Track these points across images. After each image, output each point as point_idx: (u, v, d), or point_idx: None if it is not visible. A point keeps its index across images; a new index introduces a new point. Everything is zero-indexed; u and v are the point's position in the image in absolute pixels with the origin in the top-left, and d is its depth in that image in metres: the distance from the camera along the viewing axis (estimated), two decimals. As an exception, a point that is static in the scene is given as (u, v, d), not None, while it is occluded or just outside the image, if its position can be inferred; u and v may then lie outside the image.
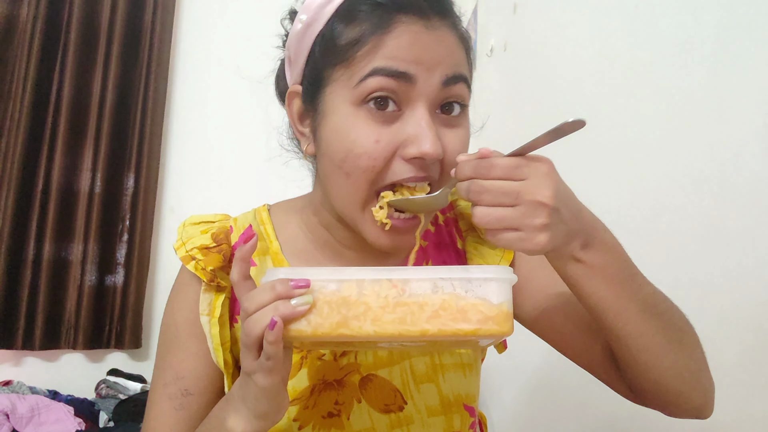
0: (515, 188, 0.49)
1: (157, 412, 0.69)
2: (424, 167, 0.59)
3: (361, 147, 0.57)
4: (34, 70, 2.40)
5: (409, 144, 0.57)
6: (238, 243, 0.72)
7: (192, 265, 0.68)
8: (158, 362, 0.71)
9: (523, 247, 0.51)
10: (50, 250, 2.39)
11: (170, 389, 0.68)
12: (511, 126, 1.80)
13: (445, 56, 0.58)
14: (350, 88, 0.58)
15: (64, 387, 2.30)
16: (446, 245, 0.76)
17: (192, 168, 2.66)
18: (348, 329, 0.51)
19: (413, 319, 0.51)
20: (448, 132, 0.60)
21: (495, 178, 0.50)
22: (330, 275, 0.52)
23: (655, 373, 0.59)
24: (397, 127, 0.58)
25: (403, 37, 0.56)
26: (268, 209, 0.77)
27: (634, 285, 0.57)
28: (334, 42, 0.59)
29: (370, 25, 0.57)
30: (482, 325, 0.51)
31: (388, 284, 0.51)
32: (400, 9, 0.56)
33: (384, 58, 0.56)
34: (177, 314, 0.71)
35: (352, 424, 0.68)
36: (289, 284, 0.50)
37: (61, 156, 2.42)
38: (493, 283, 0.51)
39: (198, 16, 2.75)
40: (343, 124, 0.59)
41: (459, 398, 0.72)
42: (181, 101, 2.69)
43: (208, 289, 0.69)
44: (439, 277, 0.52)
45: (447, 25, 0.59)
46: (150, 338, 2.56)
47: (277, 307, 0.50)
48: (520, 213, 0.49)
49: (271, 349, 0.50)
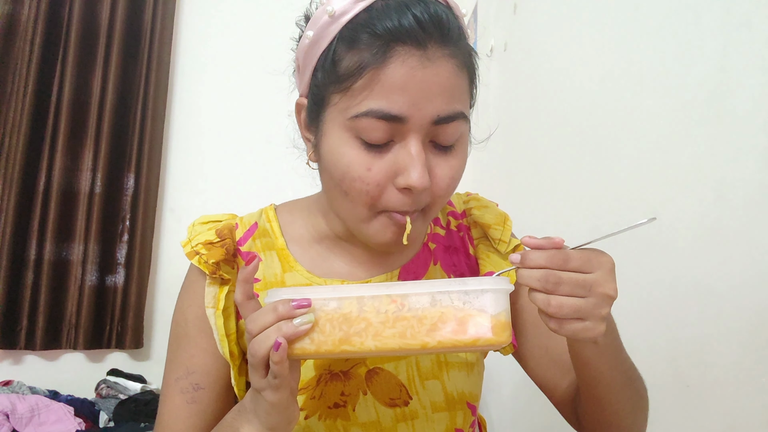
0: (588, 281, 0.52)
1: (170, 406, 0.71)
2: (415, 198, 0.61)
3: (355, 172, 0.59)
4: (34, 70, 2.40)
5: (400, 174, 0.59)
6: (242, 239, 0.74)
7: (196, 259, 0.71)
8: (169, 357, 0.74)
9: (585, 336, 0.54)
10: (51, 251, 2.39)
11: (182, 383, 0.71)
12: (511, 126, 1.80)
13: (439, 93, 0.58)
14: (346, 118, 0.59)
15: (65, 387, 2.30)
16: (456, 249, 0.78)
17: (192, 168, 2.66)
18: (350, 345, 0.53)
19: (413, 333, 0.52)
20: (441, 162, 0.62)
21: (570, 269, 0.52)
22: (330, 293, 0.54)
23: (614, 428, 0.67)
24: (389, 157, 0.60)
25: (397, 73, 0.56)
26: (274, 208, 0.79)
27: (621, 358, 0.63)
28: (334, 66, 0.60)
29: (369, 56, 0.57)
30: (480, 336, 0.52)
31: (387, 299, 0.53)
32: (397, 40, 0.56)
33: (378, 98, 0.57)
34: (186, 311, 0.73)
35: (358, 416, 0.69)
36: (290, 305, 0.52)
37: (62, 156, 2.43)
38: (490, 294, 0.52)
39: (198, 16, 2.75)
40: (338, 148, 0.60)
41: (462, 396, 0.73)
42: (181, 101, 2.69)
43: (212, 282, 0.71)
44: (437, 290, 0.53)
45: (446, 55, 0.59)
46: (151, 338, 2.56)
47: (280, 328, 0.52)
48: (591, 304, 0.52)
49: (276, 369, 0.52)
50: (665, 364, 0.90)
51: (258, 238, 0.75)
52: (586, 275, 0.52)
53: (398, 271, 0.75)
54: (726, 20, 0.80)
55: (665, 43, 0.95)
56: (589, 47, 1.26)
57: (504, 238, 0.77)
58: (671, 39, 0.94)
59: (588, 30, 1.27)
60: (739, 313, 0.75)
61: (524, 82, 1.71)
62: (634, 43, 1.06)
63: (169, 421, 0.70)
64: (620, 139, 1.10)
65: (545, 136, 1.50)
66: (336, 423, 0.69)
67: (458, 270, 0.77)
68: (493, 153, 2.00)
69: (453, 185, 0.64)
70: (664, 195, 0.93)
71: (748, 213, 0.74)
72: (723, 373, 0.78)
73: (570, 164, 1.33)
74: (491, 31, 2.04)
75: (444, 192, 0.63)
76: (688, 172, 0.87)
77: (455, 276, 0.77)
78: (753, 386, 0.72)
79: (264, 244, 0.75)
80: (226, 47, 2.71)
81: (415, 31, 0.56)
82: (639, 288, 0.96)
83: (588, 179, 1.23)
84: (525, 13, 1.73)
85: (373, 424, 0.70)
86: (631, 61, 1.07)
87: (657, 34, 0.98)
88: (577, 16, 1.34)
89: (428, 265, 0.76)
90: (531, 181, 1.61)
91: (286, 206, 0.80)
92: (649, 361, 0.93)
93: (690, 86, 0.87)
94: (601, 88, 1.19)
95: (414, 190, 0.59)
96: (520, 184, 1.69)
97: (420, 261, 0.76)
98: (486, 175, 2.10)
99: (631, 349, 0.66)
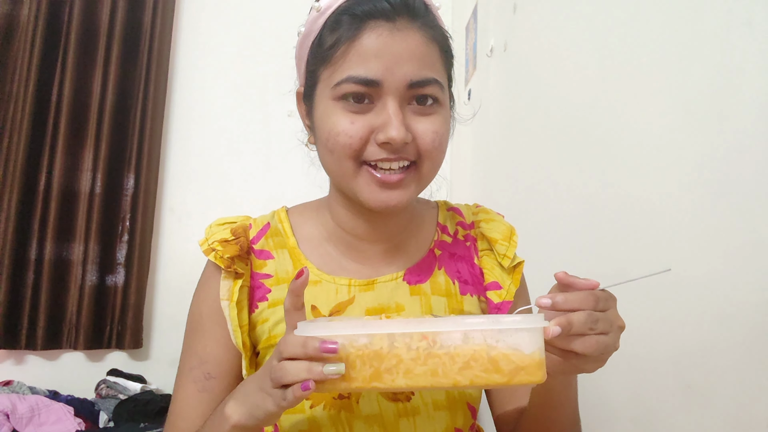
0: (610, 317, 0.55)
1: (182, 394, 0.75)
2: (395, 150, 0.66)
3: (339, 127, 0.66)
4: (34, 71, 2.40)
5: (379, 131, 0.65)
6: (255, 237, 0.79)
7: (212, 255, 0.75)
8: (184, 348, 0.77)
9: (596, 368, 0.56)
10: (51, 251, 2.39)
11: (195, 373, 0.74)
12: (511, 126, 1.80)
13: (409, 59, 0.65)
14: (330, 87, 0.67)
15: (65, 387, 2.30)
16: (461, 257, 0.81)
17: (192, 168, 2.66)
18: (381, 382, 0.52)
19: (445, 371, 0.51)
20: (422, 119, 0.67)
21: (600, 309, 0.54)
22: (360, 329, 0.53)
23: None
24: (370, 116, 0.66)
25: (370, 42, 0.65)
26: (286, 210, 0.84)
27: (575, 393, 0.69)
28: (320, 48, 0.69)
29: (346, 31, 0.66)
30: (514, 376, 0.51)
31: (418, 336, 0.52)
32: (370, 16, 0.65)
33: (354, 65, 0.65)
34: (202, 303, 0.77)
35: (362, 408, 0.71)
36: (317, 346, 0.52)
37: (62, 157, 2.43)
38: (525, 333, 0.51)
39: (198, 16, 2.75)
40: (326, 112, 0.68)
41: (463, 396, 0.75)
42: (181, 101, 2.69)
43: (227, 276, 0.75)
44: (470, 328, 0.52)
45: (416, 27, 0.66)
46: (150, 338, 2.56)
47: (311, 370, 0.52)
48: (613, 339, 0.55)
49: (293, 400, 0.53)
50: (666, 365, 0.90)
51: (270, 237, 0.79)
52: (607, 312, 0.55)
53: (403, 272, 0.77)
54: (726, 20, 0.80)
55: (665, 43, 0.95)
56: (589, 47, 1.26)
57: (509, 254, 0.80)
58: (671, 39, 0.94)
59: (588, 30, 1.27)
60: (740, 312, 0.75)
61: (524, 82, 1.71)
62: (634, 43, 1.06)
63: (181, 410, 0.74)
64: (620, 138, 1.09)
65: (545, 135, 1.50)
66: (340, 414, 0.71)
67: (462, 277, 0.80)
68: (493, 153, 2.00)
69: (438, 140, 0.68)
70: (664, 195, 0.93)
71: (748, 212, 0.74)
72: (724, 373, 0.78)
73: (570, 164, 1.33)
74: (491, 31, 2.04)
75: (430, 146, 0.67)
76: (688, 172, 0.87)
77: (458, 281, 0.79)
78: (754, 386, 0.72)
79: (276, 243, 0.79)
80: (226, 47, 2.71)
81: (386, 9, 0.65)
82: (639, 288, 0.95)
83: (588, 179, 1.23)
84: (525, 13, 1.73)
85: (376, 418, 0.71)
86: (631, 61, 1.07)
87: (657, 34, 0.98)
88: (577, 16, 1.34)
89: (432, 270, 0.79)
90: (531, 180, 1.61)
91: (297, 208, 0.84)
92: (650, 361, 0.93)
93: (690, 86, 0.87)
94: (601, 87, 1.19)
95: (393, 143, 0.65)
96: (520, 184, 1.69)
97: (425, 265, 0.79)
98: (486, 174, 2.10)
99: (632, 349, 0.66)
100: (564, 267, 0.60)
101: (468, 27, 2.34)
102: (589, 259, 1.20)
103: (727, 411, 0.77)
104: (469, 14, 2.34)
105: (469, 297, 0.78)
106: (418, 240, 0.80)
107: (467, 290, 0.79)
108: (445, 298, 0.77)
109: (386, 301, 0.75)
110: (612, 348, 0.55)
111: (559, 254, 1.34)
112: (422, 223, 0.82)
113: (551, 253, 1.38)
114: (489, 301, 0.79)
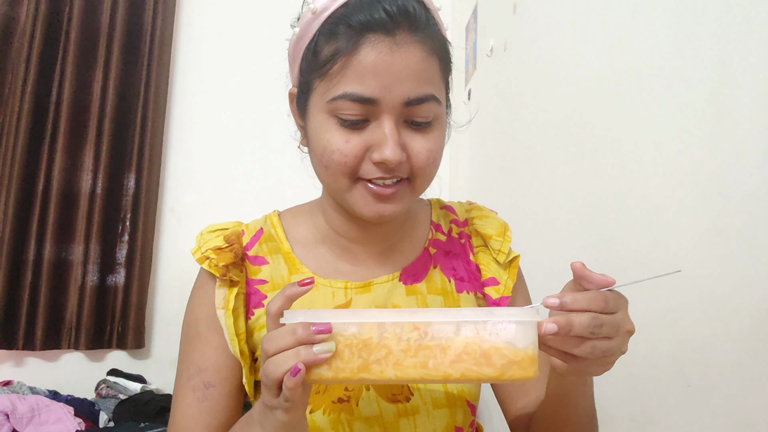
0: (617, 321, 0.53)
1: (182, 404, 0.73)
2: (389, 170, 0.65)
3: (334, 145, 0.64)
4: (34, 71, 2.40)
5: (375, 149, 0.64)
6: (249, 244, 0.78)
7: (206, 263, 0.74)
8: (181, 357, 0.76)
9: (602, 371, 0.55)
10: (51, 251, 2.39)
11: (193, 382, 0.73)
12: (511, 126, 1.80)
13: (408, 76, 0.63)
14: (325, 101, 0.65)
15: (65, 387, 2.30)
16: (457, 254, 0.81)
17: (192, 168, 2.66)
18: (369, 374, 0.50)
19: (435, 363, 0.50)
20: (417, 136, 0.66)
21: (608, 312, 0.52)
22: (350, 318, 0.51)
23: None
24: (365, 134, 0.65)
25: (368, 58, 0.62)
26: (278, 214, 0.83)
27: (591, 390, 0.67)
28: (316, 56, 0.66)
29: (343, 44, 0.63)
30: (506, 370, 0.50)
31: (409, 326, 0.50)
32: (369, 29, 0.62)
33: (351, 81, 0.63)
34: (197, 311, 0.76)
35: (361, 410, 0.71)
36: (310, 329, 0.50)
37: (62, 157, 2.43)
38: (519, 326, 0.50)
39: (198, 17, 2.75)
40: (320, 128, 0.66)
41: (462, 394, 0.75)
42: (182, 101, 2.69)
43: (222, 284, 0.74)
44: (462, 319, 0.50)
45: (416, 41, 0.64)
46: (152, 338, 2.56)
47: (299, 353, 0.50)
48: (617, 344, 0.53)
49: (290, 393, 0.51)
50: (666, 363, 0.90)
51: (264, 242, 0.79)
52: (614, 315, 0.52)
53: (399, 272, 0.77)
54: (726, 20, 0.80)
55: (665, 43, 0.96)
56: (589, 47, 1.26)
57: (503, 249, 0.80)
58: (671, 39, 0.94)
59: (588, 30, 1.28)
60: (740, 311, 0.75)
61: (524, 82, 1.71)
62: (634, 43, 1.06)
63: (181, 420, 0.72)
64: (620, 138, 1.10)
65: (545, 135, 1.50)
66: (340, 417, 0.71)
67: (458, 274, 0.80)
68: (493, 153, 2.00)
69: (432, 158, 0.67)
70: (664, 194, 0.93)
71: (748, 212, 0.74)
72: (724, 372, 0.78)
73: (570, 164, 1.33)
74: (491, 31, 2.04)
75: (424, 164, 0.66)
76: (688, 171, 0.87)
77: (454, 279, 0.79)
78: (754, 385, 0.72)
79: (270, 248, 0.78)
80: (225, 48, 2.71)
81: (384, 21, 0.62)
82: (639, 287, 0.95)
83: (588, 179, 1.23)
84: (525, 13, 1.73)
85: (376, 419, 0.71)
86: (631, 60, 1.07)
87: (657, 34, 0.98)
88: (576, 15, 1.34)
89: (428, 269, 0.79)
90: (530, 180, 1.61)
91: (290, 211, 0.83)
92: (650, 360, 0.93)
93: (690, 86, 0.88)
94: (601, 87, 1.19)
95: (387, 163, 0.64)
96: (520, 184, 1.69)
97: (420, 264, 0.79)
98: (486, 174, 2.10)
99: (632, 349, 0.66)
100: (563, 267, 0.60)
101: (468, 27, 2.34)
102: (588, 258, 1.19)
103: (726, 409, 0.77)
104: (469, 14, 2.34)
105: (465, 294, 0.78)
106: (412, 239, 0.80)
107: (464, 288, 0.79)
108: (441, 296, 0.77)
109: (383, 303, 0.75)
110: (617, 352, 0.53)
111: (559, 254, 1.34)
112: (416, 223, 0.82)
113: (551, 252, 1.38)
114: (487, 297, 0.79)
